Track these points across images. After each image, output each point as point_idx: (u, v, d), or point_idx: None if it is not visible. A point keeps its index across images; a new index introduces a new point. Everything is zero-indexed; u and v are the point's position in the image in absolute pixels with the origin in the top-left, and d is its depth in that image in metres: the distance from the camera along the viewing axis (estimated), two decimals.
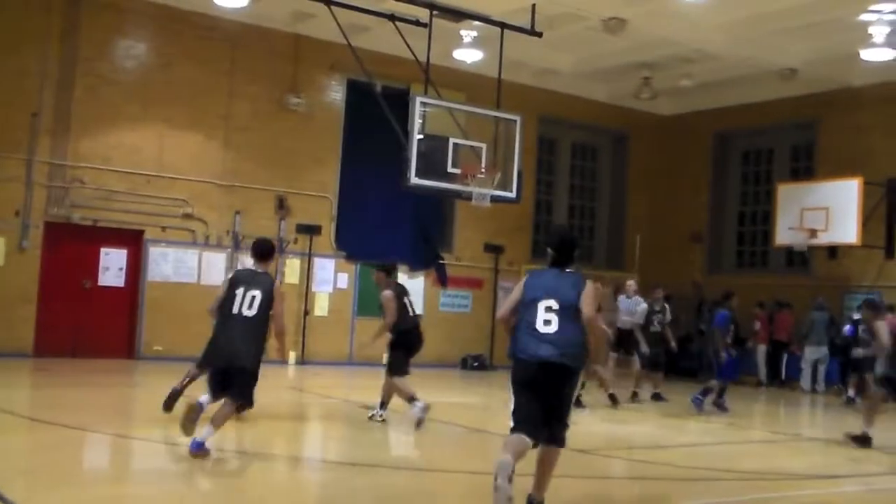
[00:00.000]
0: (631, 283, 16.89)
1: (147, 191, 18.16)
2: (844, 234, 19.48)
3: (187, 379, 10.77)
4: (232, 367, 8.64)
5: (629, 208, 24.86)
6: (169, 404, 10.60)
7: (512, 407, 6.83)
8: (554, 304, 6.83)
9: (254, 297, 8.83)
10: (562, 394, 6.82)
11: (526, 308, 6.91)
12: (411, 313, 11.40)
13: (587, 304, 6.88)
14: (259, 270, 9.26)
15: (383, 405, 11.38)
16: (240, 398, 8.56)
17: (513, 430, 6.75)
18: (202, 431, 8.32)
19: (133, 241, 18.23)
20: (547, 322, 6.77)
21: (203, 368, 10.10)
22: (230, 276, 9.59)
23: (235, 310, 8.81)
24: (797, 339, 20.29)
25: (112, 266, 18.14)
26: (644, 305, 16.27)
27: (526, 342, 6.78)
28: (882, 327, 11.59)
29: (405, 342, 11.25)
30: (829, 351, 19.77)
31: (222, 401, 8.57)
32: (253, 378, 8.82)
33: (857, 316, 19.44)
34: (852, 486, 9.23)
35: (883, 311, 12.53)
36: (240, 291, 8.89)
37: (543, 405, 6.72)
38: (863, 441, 11.41)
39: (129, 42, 18.21)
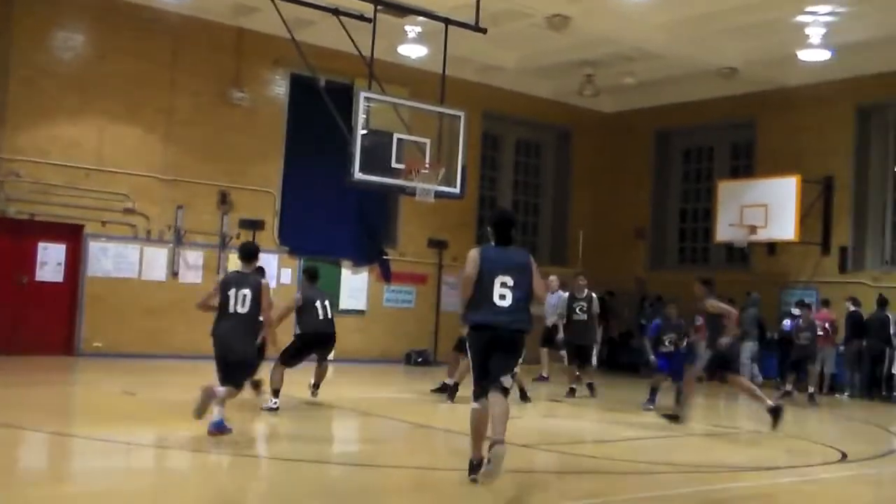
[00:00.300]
0: (553, 279, 17.07)
1: (87, 185, 17.87)
2: (782, 230, 19.86)
3: None
4: (227, 359, 9.82)
5: (573, 204, 25.04)
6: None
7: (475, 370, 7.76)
8: (509, 280, 7.62)
9: (245, 296, 9.88)
10: (516, 354, 7.77)
11: (482, 282, 7.64)
12: (321, 316, 12.21)
13: (538, 286, 7.88)
14: (246, 271, 10.21)
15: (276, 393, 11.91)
16: (232, 385, 9.80)
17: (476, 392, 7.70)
18: (215, 412, 9.47)
19: (72, 235, 17.93)
20: (502, 297, 7.61)
21: None
22: (221, 278, 10.76)
23: (231, 309, 9.83)
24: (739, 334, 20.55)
25: (50, 261, 17.82)
26: (563, 296, 16.38)
27: (484, 314, 7.61)
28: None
29: (306, 340, 12.30)
30: (761, 346, 20.19)
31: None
32: (247, 366, 10.25)
33: (795, 311, 19.88)
34: (789, 478, 9.40)
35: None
36: (232, 292, 9.89)
37: (499, 364, 7.63)
38: (674, 418, 12.50)
39: (66, 33, 17.89)
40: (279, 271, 20.04)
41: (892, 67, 19.37)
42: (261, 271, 11.37)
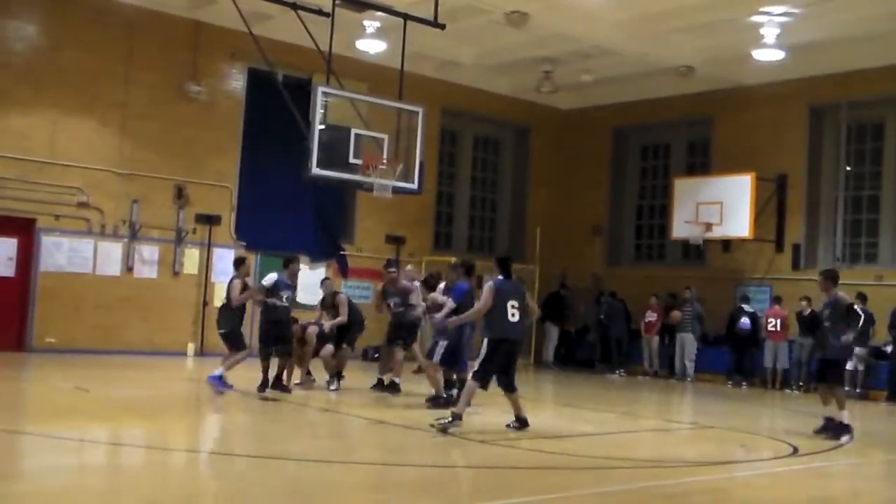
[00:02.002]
0: (410, 268, 16.78)
1: (39, 178, 17.62)
2: (737, 228, 20.09)
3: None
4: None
5: (530, 201, 25.13)
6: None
7: (485, 367, 10.59)
8: (516, 303, 10.75)
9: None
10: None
11: (498, 305, 10.67)
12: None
13: (531, 306, 12.27)
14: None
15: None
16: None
17: (482, 379, 10.61)
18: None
19: (24, 229, 17.66)
20: (513, 315, 10.72)
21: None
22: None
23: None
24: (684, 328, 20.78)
25: (1, 255, 17.54)
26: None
27: (505, 327, 10.69)
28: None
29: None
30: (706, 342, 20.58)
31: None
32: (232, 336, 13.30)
33: (749, 308, 20.16)
34: (742, 472, 9.52)
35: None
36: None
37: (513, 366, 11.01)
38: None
39: (17, 23, 17.62)
40: None
41: (844, 68, 19.68)
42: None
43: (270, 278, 13.60)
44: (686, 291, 20.71)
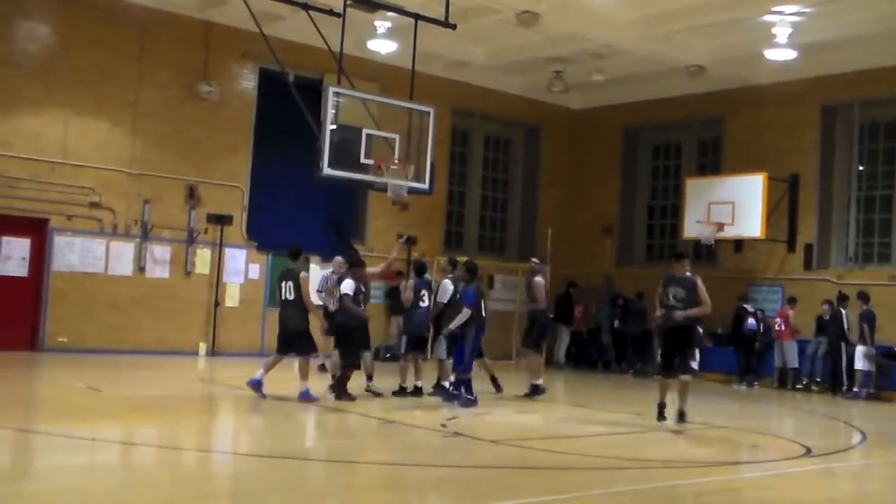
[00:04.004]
0: (338, 259, 16.58)
1: (51, 178, 17.68)
2: (749, 228, 20.00)
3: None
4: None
5: (541, 200, 25.09)
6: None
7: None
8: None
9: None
10: None
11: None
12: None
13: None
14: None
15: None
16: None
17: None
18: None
19: (37, 229, 17.72)
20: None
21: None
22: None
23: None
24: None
25: (14, 255, 17.60)
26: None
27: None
28: None
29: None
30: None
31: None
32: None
33: (750, 308, 20.16)
34: (753, 473, 9.49)
35: None
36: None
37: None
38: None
39: (30, 23, 17.68)
40: (247, 266, 19.96)
41: (856, 67, 19.58)
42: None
43: (350, 285, 13.17)
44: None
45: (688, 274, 12.08)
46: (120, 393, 13.11)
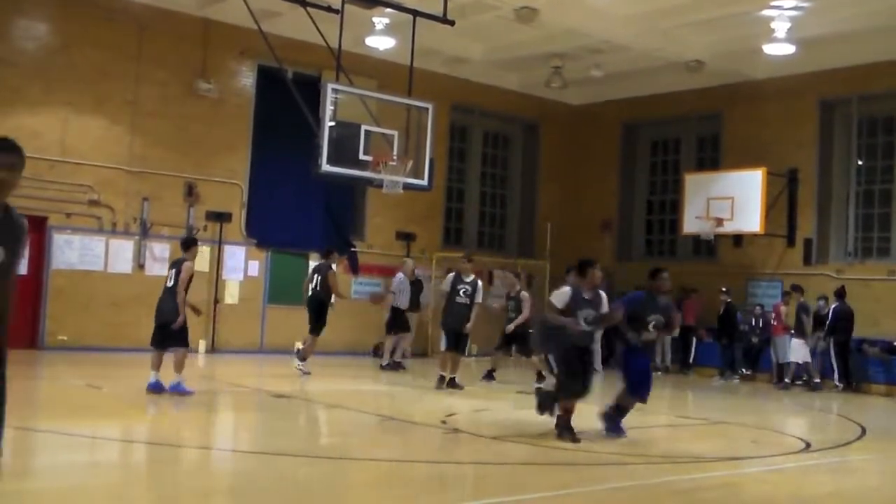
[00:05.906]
0: (409, 261, 18.48)
1: (50, 176, 17.64)
2: (748, 222, 20.02)
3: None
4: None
5: (540, 196, 25.10)
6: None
7: None
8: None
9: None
10: None
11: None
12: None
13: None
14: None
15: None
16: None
17: None
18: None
19: (36, 228, 17.66)
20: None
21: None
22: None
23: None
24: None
25: None
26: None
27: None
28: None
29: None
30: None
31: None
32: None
33: (728, 299, 20.31)
34: (753, 468, 9.50)
35: None
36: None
37: None
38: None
39: (27, 21, 17.65)
40: (246, 264, 19.95)
41: (855, 62, 19.58)
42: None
43: (447, 280, 14.72)
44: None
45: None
46: (120, 390, 13.11)
